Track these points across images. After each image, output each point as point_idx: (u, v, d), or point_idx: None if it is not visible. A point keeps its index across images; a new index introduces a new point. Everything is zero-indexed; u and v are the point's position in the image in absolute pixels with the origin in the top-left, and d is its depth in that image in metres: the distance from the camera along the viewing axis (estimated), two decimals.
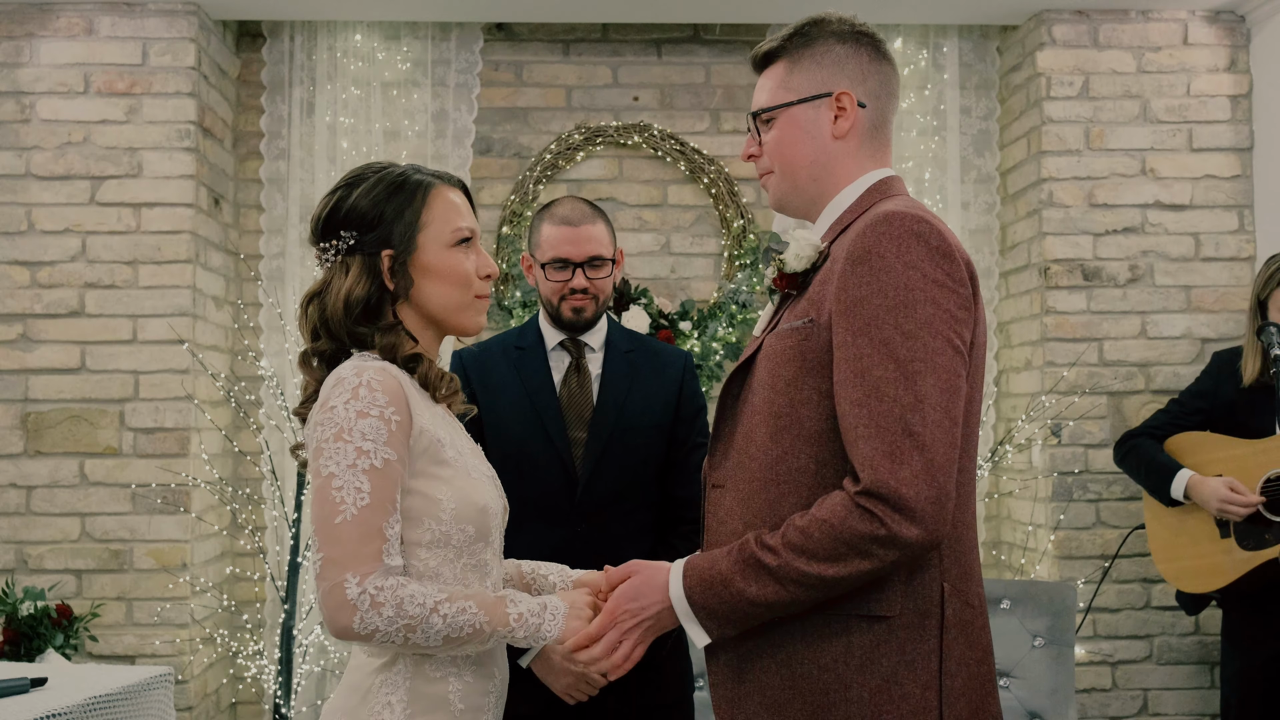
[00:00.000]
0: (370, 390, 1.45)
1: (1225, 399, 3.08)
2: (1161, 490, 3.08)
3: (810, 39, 1.58)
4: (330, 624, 1.41)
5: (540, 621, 1.49)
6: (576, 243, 2.19)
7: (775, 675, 1.44)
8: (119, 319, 3.47)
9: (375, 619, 1.39)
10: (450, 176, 1.63)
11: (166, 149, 3.50)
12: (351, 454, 1.42)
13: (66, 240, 3.49)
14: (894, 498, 1.33)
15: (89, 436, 3.44)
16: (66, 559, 3.42)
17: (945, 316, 1.38)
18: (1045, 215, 3.64)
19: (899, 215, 1.42)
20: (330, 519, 1.41)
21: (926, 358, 1.36)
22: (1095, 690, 3.56)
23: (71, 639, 3.26)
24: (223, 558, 3.74)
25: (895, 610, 1.40)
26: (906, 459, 1.33)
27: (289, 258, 3.78)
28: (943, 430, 1.35)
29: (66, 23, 3.53)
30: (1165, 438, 3.16)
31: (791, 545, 1.38)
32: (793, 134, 1.57)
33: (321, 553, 1.41)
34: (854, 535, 1.35)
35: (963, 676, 1.43)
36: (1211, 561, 2.99)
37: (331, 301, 1.54)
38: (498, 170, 3.90)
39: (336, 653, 3.66)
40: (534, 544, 1.99)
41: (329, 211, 1.57)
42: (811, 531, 1.37)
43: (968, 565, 1.47)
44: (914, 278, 1.38)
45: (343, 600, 1.39)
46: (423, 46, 3.83)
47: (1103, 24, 3.67)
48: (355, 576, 1.39)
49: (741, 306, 3.81)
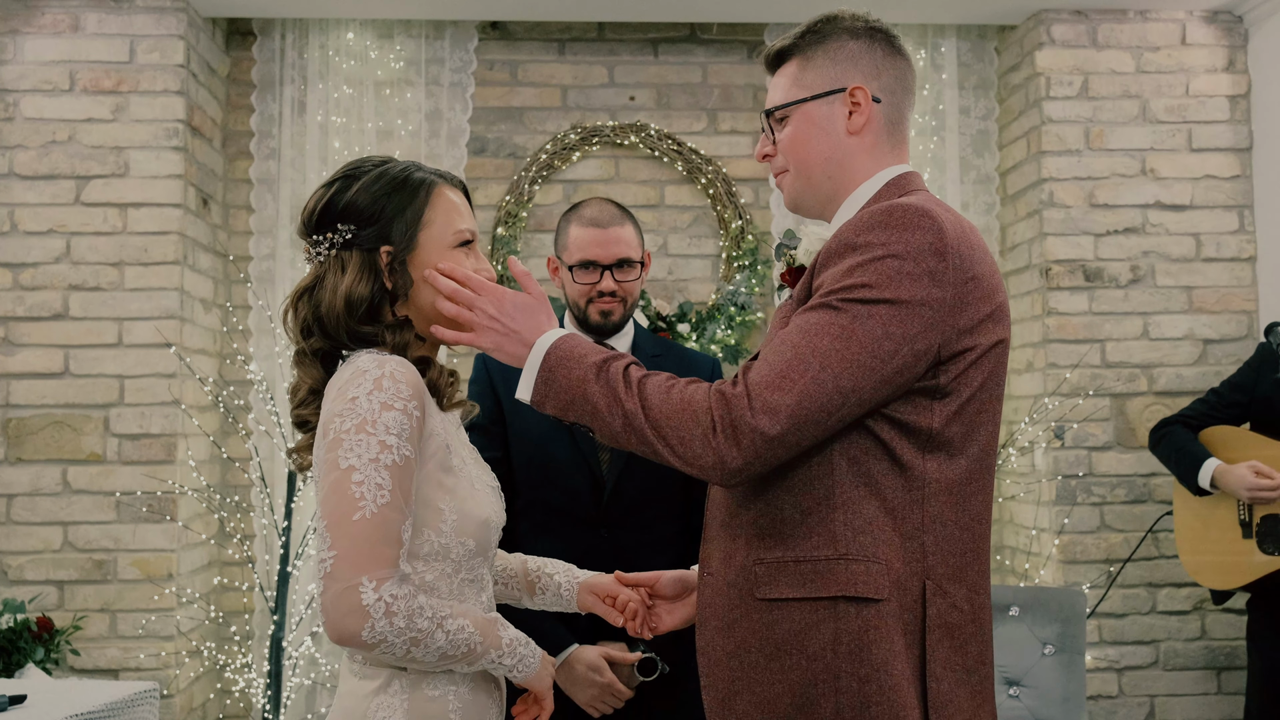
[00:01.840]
0: (394, 382, 1.39)
1: (1264, 394, 3.02)
2: (1190, 478, 3.03)
3: (823, 36, 1.57)
4: (334, 628, 1.32)
5: (526, 653, 1.47)
6: (605, 245, 2.15)
7: (764, 670, 1.40)
8: (104, 322, 3.39)
9: (386, 629, 1.31)
10: (451, 176, 1.58)
11: (154, 148, 3.43)
12: (375, 447, 1.35)
13: (50, 241, 3.40)
14: (739, 414, 1.34)
15: (72, 443, 3.35)
16: (48, 570, 3.32)
17: (900, 306, 1.36)
18: (1046, 216, 3.61)
19: (902, 205, 1.41)
20: (347, 515, 1.33)
21: (850, 326, 1.36)
22: (1102, 697, 3.51)
23: (53, 653, 3.16)
24: (210, 567, 3.65)
25: (884, 594, 1.37)
26: (770, 393, 1.34)
27: (279, 259, 3.70)
28: (819, 389, 1.34)
29: (52, 19, 3.45)
30: (1200, 428, 3.11)
31: (644, 392, 1.40)
32: (807, 131, 1.55)
33: (334, 550, 1.32)
34: (690, 418, 1.36)
35: (949, 682, 1.39)
36: (1232, 560, 2.96)
37: (328, 298, 1.47)
38: (492, 170, 3.84)
39: (327, 665, 3.57)
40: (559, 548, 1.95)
41: (325, 204, 1.50)
42: (668, 395, 1.39)
43: (959, 568, 1.43)
44: (889, 264, 1.37)
45: (355, 605, 1.30)
46: (416, 45, 3.77)
47: (1101, 24, 3.66)
48: (371, 581, 1.31)
49: (740, 308, 3.75)
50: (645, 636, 1.68)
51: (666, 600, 1.69)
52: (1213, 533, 3.03)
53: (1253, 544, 2.92)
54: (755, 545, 1.43)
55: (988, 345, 1.43)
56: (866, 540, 1.39)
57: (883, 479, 1.40)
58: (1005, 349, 1.47)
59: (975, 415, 1.44)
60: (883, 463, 1.40)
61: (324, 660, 3.56)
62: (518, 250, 3.79)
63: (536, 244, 3.84)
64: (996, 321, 1.44)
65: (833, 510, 1.40)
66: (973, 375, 1.42)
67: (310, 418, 1.51)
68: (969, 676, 1.41)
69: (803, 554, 1.40)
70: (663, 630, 1.68)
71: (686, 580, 1.70)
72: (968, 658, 1.42)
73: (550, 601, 1.75)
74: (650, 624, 1.67)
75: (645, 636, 1.68)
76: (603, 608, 1.70)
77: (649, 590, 1.69)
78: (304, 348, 1.51)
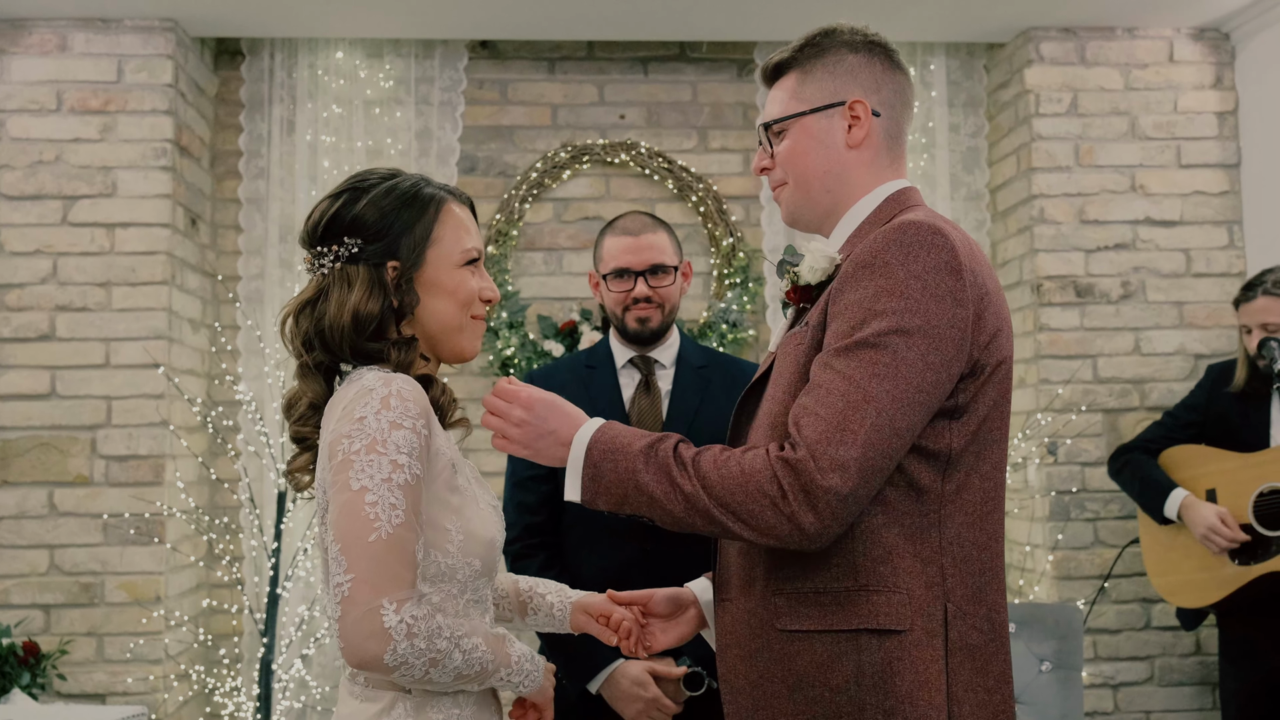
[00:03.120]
0: (401, 400, 1.37)
1: (1218, 411, 3.09)
2: (1155, 508, 3.08)
3: (822, 49, 1.56)
4: (354, 653, 1.29)
5: (532, 668, 1.46)
6: (637, 251, 2.19)
7: (787, 701, 1.38)
8: (91, 343, 3.36)
9: (408, 650, 1.29)
10: (459, 192, 1.56)
11: (142, 168, 3.41)
12: (387, 467, 1.33)
13: (37, 262, 3.38)
14: (808, 478, 1.31)
15: (59, 465, 3.32)
16: (34, 593, 3.28)
17: (931, 331, 1.35)
18: (1036, 232, 3.62)
19: (915, 224, 1.39)
20: (363, 537, 1.30)
21: (893, 364, 1.33)
22: (1098, 714, 3.49)
23: (39, 678, 3.12)
24: (198, 590, 3.61)
25: (906, 625, 1.36)
26: (834, 449, 1.31)
27: (268, 279, 3.68)
28: (879, 435, 1.32)
29: (39, 39, 3.44)
30: (1159, 451, 3.16)
31: (701, 472, 1.37)
32: (806, 144, 1.54)
33: (350, 574, 1.30)
34: (757, 493, 1.33)
35: (971, 704, 1.38)
36: (1207, 576, 2.97)
37: (333, 312, 1.44)
38: (483, 189, 3.83)
39: (318, 688, 3.53)
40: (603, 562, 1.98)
41: (331, 216, 1.48)
42: (724, 470, 1.36)
43: (978, 588, 1.41)
44: (912, 286, 1.35)
45: (377, 629, 1.28)
46: (406, 64, 3.77)
47: (1089, 41, 3.67)
48: (392, 603, 1.29)
49: (732, 325, 3.75)
50: (640, 655, 1.66)
51: (660, 619, 1.66)
52: (1184, 552, 3.04)
53: (1224, 558, 2.94)
54: (774, 573, 1.42)
55: (998, 361, 1.43)
56: (886, 570, 1.37)
57: (900, 504, 1.38)
58: (1011, 365, 1.47)
59: (989, 433, 1.43)
60: (900, 488, 1.38)
61: (314, 683, 3.52)
62: (508, 269, 3.78)
63: (528, 263, 3.83)
64: (1006, 337, 1.44)
65: (852, 539, 1.38)
66: (987, 392, 1.41)
67: (310, 435, 1.48)
68: (990, 698, 1.40)
69: (822, 584, 1.39)
70: (657, 649, 1.66)
71: (680, 598, 1.67)
72: (989, 678, 1.40)
73: (543, 622, 1.73)
74: (645, 643, 1.65)
75: (640, 655, 1.66)
76: (596, 627, 1.68)
77: (642, 609, 1.66)
78: (306, 361, 1.48)
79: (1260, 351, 2.94)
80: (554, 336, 3.72)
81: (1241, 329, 3.05)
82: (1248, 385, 3.02)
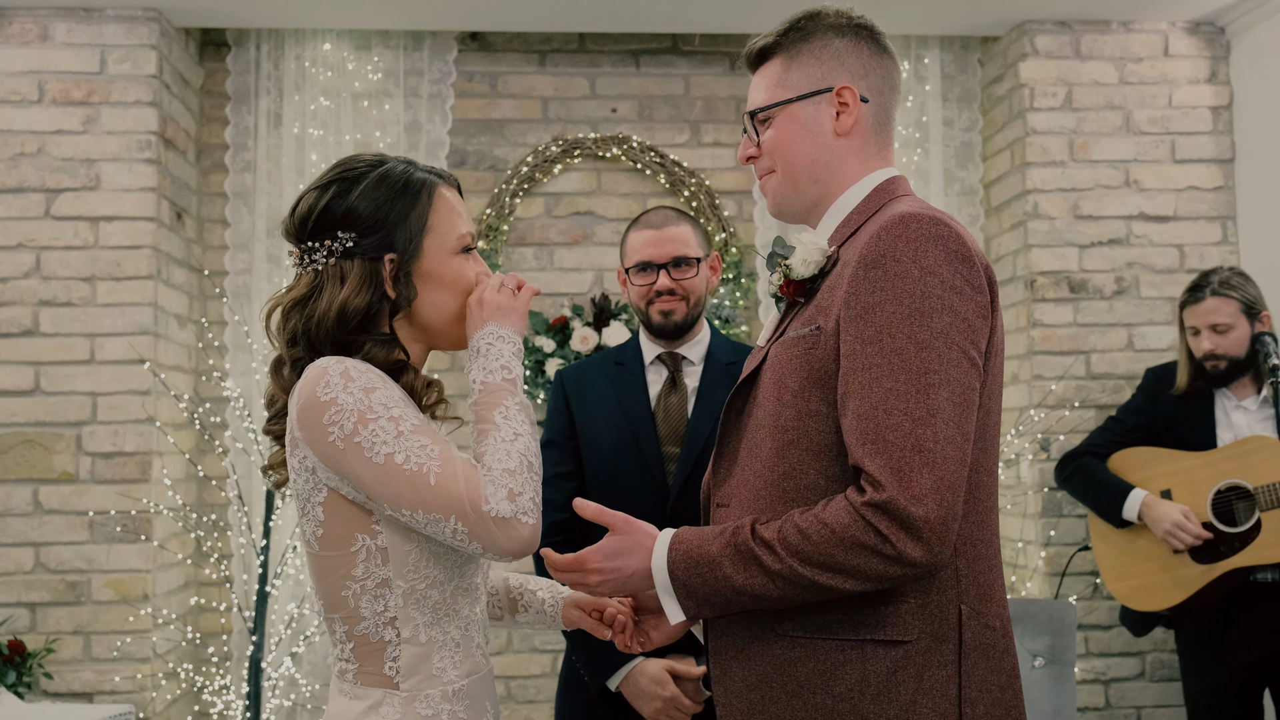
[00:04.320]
0: (359, 370, 1.36)
1: (1164, 414, 3.08)
2: (1113, 511, 3.05)
3: (807, 33, 1.51)
4: (515, 549, 1.32)
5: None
6: (659, 244, 2.20)
7: (787, 706, 1.36)
8: (76, 338, 3.31)
9: (530, 506, 1.34)
10: (447, 174, 1.52)
11: (126, 160, 3.36)
12: (389, 427, 1.33)
13: (19, 256, 3.33)
14: (902, 515, 1.26)
15: (43, 462, 3.28)
16: (19, 592, 3.24)
17: (962, 325, 1.32)
18: (1030, 227, 3.60)
19: (915, 217, 1.35)
20: (426, 485, 1.31)
21: (941, 369, 1.29)
22: (1089, 710, 3.50)
23: (25, 677, 3.09)
24: (186, 588, 3.58)
25: (912, 635, 1.34)
26: (916, 475, 1.26)
27: (255, 274, 3.64)
28: (954, 446, 1.28)
29: (20, 29, 3.38)
30: (1108, 456, 3.15)
31: (789, 545, 1.32)
32: (793, 132, 1.49)
33: (453, 512, 1.31)
34: (856, 547, 1.28)
35: (985, 703, 1.36)
36: (1167, 578, 2.96)
37: (323, 309, 1.40)
38: (473, 183, 3.79)
39: (307, 686, 3.51)
40: None
41: (322, 209, 1.43)
42: (811, 534, 1.31)
43: (987, 586, 1.40)
44: (931, 284, 1.32)
45: (505, 521, 1.31)
46: (394, 56, 3.72)
47: (1084, 35, 3.65)
48: (489, 500, 1.31)
49: (725, 321, 3.72)
50: (635, 651, 1.64)
51: (652, 615, 1.63)
52: (1141, 555, 3.03)
53: (1185, 557, 2.92)
54: None
55: (996, 351, 1.40)
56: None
57: None
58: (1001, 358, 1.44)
59: (988, 427, 1.40)
60: None
61: (304, 681, 3.50)
62: (499, 264, 3.75)
63: (518, 258, 3.79)
64: (995, 329, 1.40)
65: None
66: (987, 384, 1.39)
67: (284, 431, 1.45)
68: (1003, 694, 1.39)
69: None
70: (652, 646, 1.63)
71: None
72: (1002, 675, 1.39)
73: (534, 619, 1.70)
74: (639, 638, 1.62)
75: (635, 651, 1.64)
76: (589, 622, 1.65)
77: (631, 604, 1.63)
78: (284, 355, 1.45)
79: (1255, 345, 2.92)
80: (545, 332, 3.69)
81: (1187, 330, 3.02)
82: (1190, 386, 3.01)
